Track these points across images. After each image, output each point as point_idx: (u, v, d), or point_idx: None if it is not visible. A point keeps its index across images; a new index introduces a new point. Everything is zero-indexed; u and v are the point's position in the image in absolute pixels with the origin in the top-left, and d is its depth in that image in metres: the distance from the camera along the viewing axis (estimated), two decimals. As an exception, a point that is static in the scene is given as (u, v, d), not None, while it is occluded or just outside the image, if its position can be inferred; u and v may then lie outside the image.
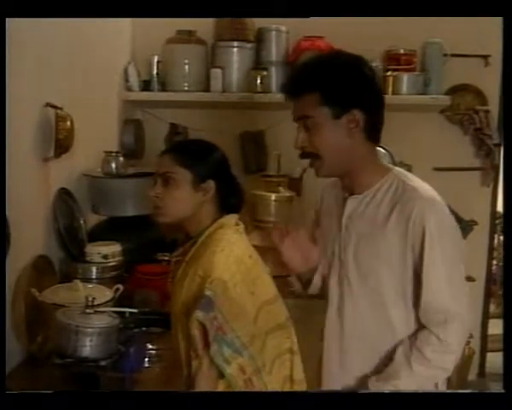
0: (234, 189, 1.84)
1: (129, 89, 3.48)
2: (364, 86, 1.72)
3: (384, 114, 1.78)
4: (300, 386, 1.79)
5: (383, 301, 1.74)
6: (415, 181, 1.76)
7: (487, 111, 3.63)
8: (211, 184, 1.76)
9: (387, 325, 1.75)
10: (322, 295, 1.94)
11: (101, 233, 2.71)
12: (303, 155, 1.79)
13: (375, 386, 1.70)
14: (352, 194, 1.80)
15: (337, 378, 1.85)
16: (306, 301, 2.12)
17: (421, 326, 1.71)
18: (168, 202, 1.74)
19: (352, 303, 1.80)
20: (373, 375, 1.74)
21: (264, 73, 3.44)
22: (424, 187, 1.74)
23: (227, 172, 1.83)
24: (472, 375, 3.80)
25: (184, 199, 1.75)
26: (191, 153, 1.77)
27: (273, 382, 1.69)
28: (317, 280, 1.99)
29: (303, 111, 1.73)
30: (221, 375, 1.57)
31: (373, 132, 1.75)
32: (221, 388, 1.58)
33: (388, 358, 1.74)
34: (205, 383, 1.57)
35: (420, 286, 1.68)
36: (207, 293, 1.56)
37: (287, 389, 1.74)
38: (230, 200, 1.82)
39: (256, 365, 1.64)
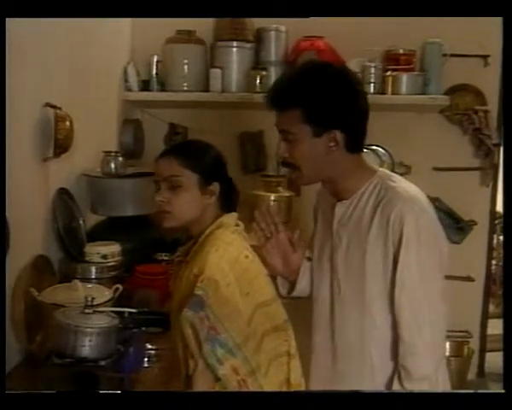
0: (231, 187, 1.85)
1: (128, 89, 3.47)
2: (347, 107, 1.71)
3: (367, 125, 1.76)
4: (296, 389, 1.78)
5: (368, 304, 1.74)
6: (398, 182, 1.75)
7: (486, 111, 3.62)
8: (216, 185, 1.77)
9: (372, 327, 1.75)
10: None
11: (101, 233, 2.71)
12: (283, 164, 1.80)
13: None
14: (340, 199, 1.80)
15: (326, 379, 1.86)
16: (305, 300, 2.12)
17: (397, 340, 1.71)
18: (176, 207, 1.73)
19: (340, 307, 1.80)
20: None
21: (264, 73, 3.44)
22: (406, 188, 1.73)
23: (226, 172, 1.85)
24: (471, 375, 3.81)
25: (192, 202, 1.75)
26: (196, 155, 1.77)
27: (269, 384, 1.69)
28: (302, 285, 2.00)
29: (284, 126, 1.73)
30: (216, 377, 1.57)
31: (354, 145, 1.75)
32: (217, 389, 1.58)
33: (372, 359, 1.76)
34: (202, 382, 1.57)
35: (392, 291, 1.68)
36: (198, 292, 1.56)
37: None
38: (228, 199, 1.83)
39: (250, 366, 1.64)
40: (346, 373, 1.81)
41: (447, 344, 3.69)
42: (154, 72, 3.48)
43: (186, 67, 3.45)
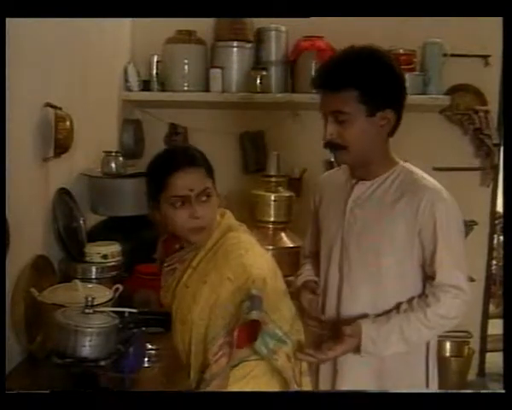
0: None
1: (128, 89, 3.48)
2: (398, 87, 1.80)
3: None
4: (305, 378, 1.80)
5: (381, 281, 1.80)
6: (422, 174, 1.85)
7: (487, 111, 3.63)
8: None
9: (384, 306, 1.79)
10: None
11: (101, 233, 2.71)
12: (328, 146, 1.82)
13: (369, 327, 1.73)
14: (361, 179, 1.85)
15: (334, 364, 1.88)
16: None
17: (427, 293, 1.77)
18: (210, 219, 1.74)
19: (350, 287, 1.84)
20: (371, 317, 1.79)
21: (264, 72, 3.44)
22: (431, 180, 1.83)
23: None
24: (472, 375, 3.81)
25: (216, 210, 1.77)
26: (208, 162, 1.78)
27: None
28: None
29: (338, 106, 1.76)
30: (234, 365, 1.60)
31: (394, 129, 1.83)
32: (239, 375, 1.61)
33: None
34: (219, 384, 1.58)
35: (431, 268, 1.77)
36: (255, 292, 1.59)
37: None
38: None
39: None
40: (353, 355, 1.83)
41: (447, 344, 3.70)
42: (154, 72, 3.48)
43: (186, 67, 3.45)
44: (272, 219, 3.10)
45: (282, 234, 3.13)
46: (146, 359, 2.07)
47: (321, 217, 1.99)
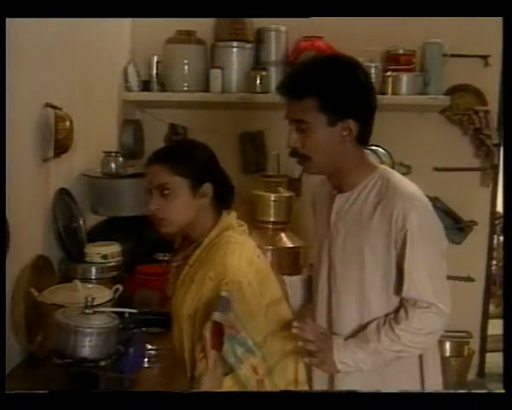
0: (225, 184, 1.83)
1: (128, 89, 3.48)
2: (361, 97, 1.74)
3: (374, 118, 1.79)
4: (304, 387, 1.79)
5: (366, 295, 1.76)
6: (398, 179, 1.78)
7: (487, 111, 3.63)
8: (208, 186, 1.74)
9: (371, 318, 1.76)
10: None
11: (101, 233, 2.71)
12: (293, 154, 1.80)
13: (343, 347, 1.71)
14: (340, 191, 1.82)
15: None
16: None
17: (398, 307, 1.73)
18: (170, 213, 1.73)
19: (337, 298, 1.82)
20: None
21: (264, 73, 3.44)
22: (406, 185, 1.76)
23: (218, 169, 1.82)
24: (471, 375, 3.81)
25: (185, 207, 1.73)
26: (183, 158, 1.74)
27: (276, 385, 1.70)
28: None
29: (298, 115, 1.73)
30: (226, 372, 1.57)
31: (363, 137, 1.78)
32: (228, 385, 1.59)
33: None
34: (209, 385, 1.57)
35: (401, 279, 1.71)
36: (224, 294, 1.56)
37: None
38: (224, 196, 1.81)
39: (268, 365, 1.66)
40: None
41: (447, 344, 3.70)
42: (154, 72, 3.48)
43: (186, 67, 3.45)
44: (272, 219, 3.10)
45: (282, 234, 3.13)
46: (146, 359, 2.07)
47: (315, 226, 1.98)
